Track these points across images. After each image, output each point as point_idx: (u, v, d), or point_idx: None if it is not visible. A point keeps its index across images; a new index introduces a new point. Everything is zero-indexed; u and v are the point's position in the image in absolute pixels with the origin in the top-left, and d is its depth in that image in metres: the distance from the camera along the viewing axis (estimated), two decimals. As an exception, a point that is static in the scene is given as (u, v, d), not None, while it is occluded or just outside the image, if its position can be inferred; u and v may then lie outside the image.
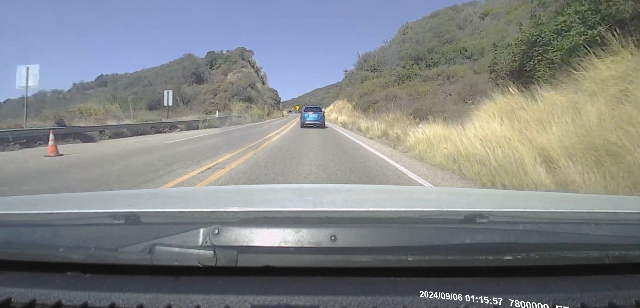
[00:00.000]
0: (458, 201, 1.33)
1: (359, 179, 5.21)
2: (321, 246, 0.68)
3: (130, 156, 7.83)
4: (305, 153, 8.17)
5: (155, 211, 1.03)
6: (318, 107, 22.99)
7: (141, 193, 1.73)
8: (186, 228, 0.70)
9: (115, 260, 0.68)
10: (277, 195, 1.51)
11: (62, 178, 5.28)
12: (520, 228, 0.81)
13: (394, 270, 0.68)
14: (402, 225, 0.85)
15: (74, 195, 2.00)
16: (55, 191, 4.30)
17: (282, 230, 0.70)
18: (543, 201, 1.38)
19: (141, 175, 5.40)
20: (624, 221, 0.95)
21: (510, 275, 0.68)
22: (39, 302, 0.62)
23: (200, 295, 0.63)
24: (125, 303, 0.62)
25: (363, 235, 0.72)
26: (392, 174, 5.59)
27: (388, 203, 1.26)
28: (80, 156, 7.97)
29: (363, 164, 6.54)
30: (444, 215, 1.01)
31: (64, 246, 0.71)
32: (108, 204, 1.17)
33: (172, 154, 7.91)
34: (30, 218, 0.94)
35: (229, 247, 0.67)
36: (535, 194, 2.26)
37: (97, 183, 4.87)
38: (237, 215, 0.95)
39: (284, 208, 1.14)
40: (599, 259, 0.70)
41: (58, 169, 6.13)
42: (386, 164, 6.62)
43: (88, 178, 5.31)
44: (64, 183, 4.95)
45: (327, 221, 0.87)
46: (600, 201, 1.46)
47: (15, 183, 5.01)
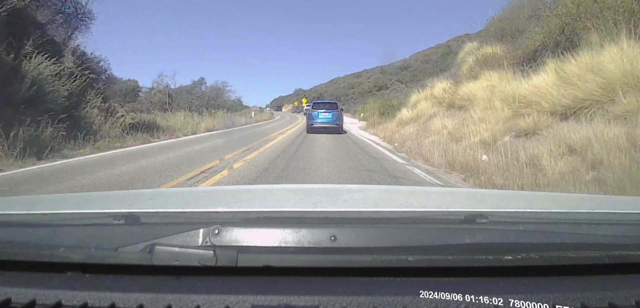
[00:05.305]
0: (458, 201, 1.33)
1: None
2: (321, 246, 0.68)
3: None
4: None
5: (155, 211, 1.03)
6: (332, 103, 15.81)
7: (141, 193, 1.74)
8: (186, 228, 0.70)
9: (115, 260, 0.68)
10: (277, 195, 1.51)
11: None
12: (520, 228, 0.81)
13: (394, 270, 0.68)
14: (402, 225, 0.85)
15: (74, 195, 2.01)
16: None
17: (282, 230, 0.70)
18: (543, 201, 1.38)
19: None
20: (624, 221, 0.95)
21: (510, 275, 0.68)
22: (39, 302, 0.62)
23: (201, 295, 0.63)
24: (126, 303, 0.62)
25: (363, 235, 0.72)
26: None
27: (388, 203, 1.26)
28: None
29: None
30: (444, 215, 1.01)
31: (64, 246, 0.71)
32: (108, 204, 1.17)
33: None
34: (30, 218, 0.94)
35: (229, 247, 0.67)
36: (535, 194, 2.27)
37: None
38: (237, 215, 0.95)
39: (284, 208, 1.14)
40: (599, 259, 0.70)
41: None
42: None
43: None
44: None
45: (327, 221, 0.87)
46: (600, 201, 1.46)
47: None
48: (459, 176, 5.60)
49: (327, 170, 6.16)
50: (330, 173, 5.85)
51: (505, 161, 5.37)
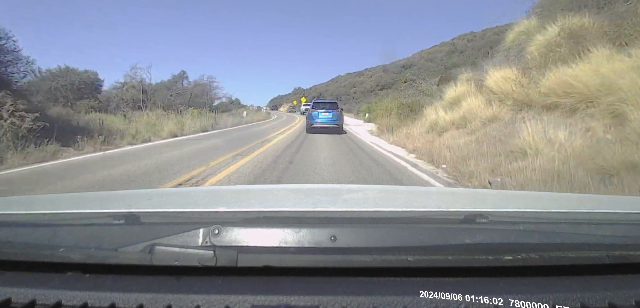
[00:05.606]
0: (458, 201, 1.33)
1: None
2: (321, 246, 0.68)
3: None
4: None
5: (155, 211, 1.03)
6: (332, 103, 15.77)
7: (141, 193, 1.73)
8: (186, 228, 0.70)
9: (115, 260, 0.68)
10: (277, 195, 1.51)
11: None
12: (520, 228, 0.81)
13: (394, 270, 0.68)
14: (402, 225, 0.85)
15: (73, 195, 2.01)
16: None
17: (282, 230, 0.70)
18: (543, 201, 1.38)
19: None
20: (624, 221, 0.95)
21: (510, 275, 0.68)
22: (39, 302, 0.62)
23: (201, 295, 0.63)
24: (126, 303, 0.62)
25: (363, 235, 0.72)
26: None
27: (388, 203, 1.26)
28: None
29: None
30: (444, 215, 1.01)
31: (64, 246, 0.71)
32: (108, 204, 1.17)
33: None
34: (30, 218, 0.94)
35: (229, 247, 0.67)
36: (535, 194, 2.27)
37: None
38: (237, 215, 0.95)
39: (283, 208, 1.14)
40: (599, 259, 0.70)
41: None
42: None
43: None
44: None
45: (327, 221, 0.87)
46: (600, 201, 1.46)
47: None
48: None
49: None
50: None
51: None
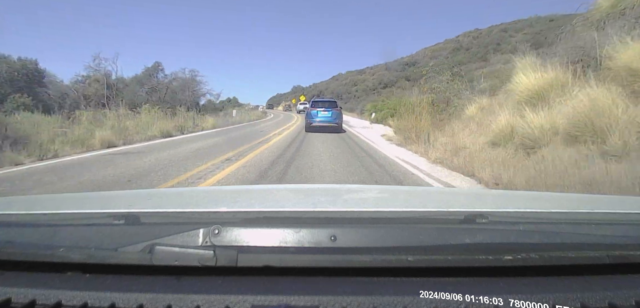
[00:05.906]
0: (458, 201, 1.34)
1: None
2: (321, 246, 0.68)
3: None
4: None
5: (155, 211, 1.03)
6: (332, 102, 15.39)
7: (141, 193, 1.74)
8: (186, 228, 0.70)
9: (115, 260, 0.68)
10: (277, 195, 1.51)
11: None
12: (520, 228, 0.81)
13: (394, 270, 0.68)
14: (402, 225, 0.85)
15: (73, 195, 2.01)
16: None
17: (282, 230, 0.70)
18: (543, 201, 1.38)
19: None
20: (624, 221, 0.95)
21: (510, 275, 0.68)
22: (39, 302, 0.62)
23: (201, 295, 0.63)
24: (126, 303, 0.62)
25: (363, 235, 0.72)
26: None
27: (388, 203, 1.26)
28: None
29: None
30: (444, 215, 1.01)
31: (64, 246, 0.71)
32: (108, 204, 1.17)
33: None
34: (30, 218, 0.94)
35: (229, 247, 0.67)
36: (535, 194, 2.26)
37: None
38: (237, 215, 0.95)
39: (283, 208, 1.14)
40: (599, 259, 0.70)
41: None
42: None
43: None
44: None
45: (327, 221, 0.87)
46: (600, 201, 1.46)
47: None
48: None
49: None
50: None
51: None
